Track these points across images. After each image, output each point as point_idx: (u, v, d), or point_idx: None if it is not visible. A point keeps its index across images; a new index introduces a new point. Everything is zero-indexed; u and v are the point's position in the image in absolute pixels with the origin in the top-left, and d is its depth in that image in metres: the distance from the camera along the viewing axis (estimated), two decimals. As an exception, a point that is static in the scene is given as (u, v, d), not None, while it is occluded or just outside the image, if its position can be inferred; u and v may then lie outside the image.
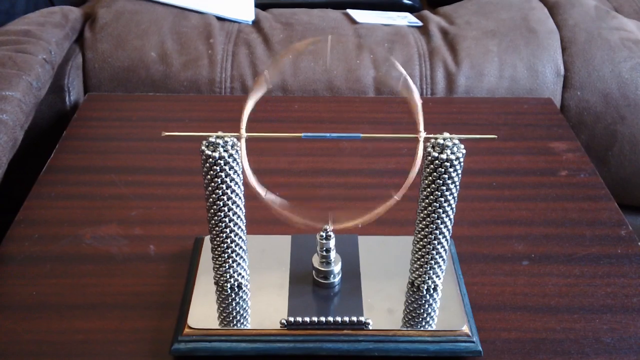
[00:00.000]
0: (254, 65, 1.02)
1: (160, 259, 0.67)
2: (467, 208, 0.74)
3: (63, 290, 0.64)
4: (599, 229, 0.72)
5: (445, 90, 1.02)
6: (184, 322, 0.57)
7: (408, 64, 1.02)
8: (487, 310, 0.62)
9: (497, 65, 1.02)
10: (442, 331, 0.57)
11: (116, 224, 0.72)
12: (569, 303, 0.63)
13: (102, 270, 0.66)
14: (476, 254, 0.69)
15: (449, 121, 0.93)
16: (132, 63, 1.02)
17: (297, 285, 0.60)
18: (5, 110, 0.79)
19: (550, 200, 0.77)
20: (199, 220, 0.71)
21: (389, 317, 0.58)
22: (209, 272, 0.61)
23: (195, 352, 0.56)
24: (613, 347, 0.58)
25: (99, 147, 0.86)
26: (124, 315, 0.61)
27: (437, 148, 0.51)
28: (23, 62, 0.87)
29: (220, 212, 0.54)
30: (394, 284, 0.61)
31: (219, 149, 0.51)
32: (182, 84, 1.01)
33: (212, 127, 0.90)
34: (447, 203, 0.53)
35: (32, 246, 0.69)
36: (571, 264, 0.68)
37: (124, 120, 0.92)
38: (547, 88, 1.02)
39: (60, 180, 0.79)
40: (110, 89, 1.02)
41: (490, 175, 0.81)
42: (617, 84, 1.01)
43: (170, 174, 0.80)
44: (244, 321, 0.58)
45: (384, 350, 0.56)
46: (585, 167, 0.83)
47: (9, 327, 0.59)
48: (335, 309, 0.58)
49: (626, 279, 0.66)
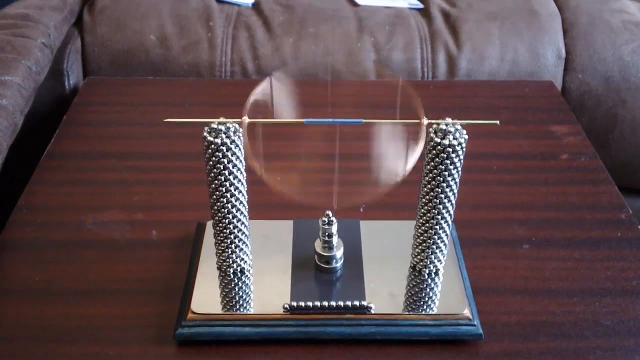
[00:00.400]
0: (254, 49, 1.01)
1: (163, 244, 0.68)
2: (468, 192, 0.74)
3: (66, 276, 0.64)
4: (599, 212, 0.73)
5: (447, 74, 1.01)
6: (187, 307, 0.58)
7: (409, 47, 1.02)
8: (487, 294, 0.62)
9: (499, 48, 1.02)
10: (443, 315, 0.57)
11: (118, 210, 0.72)
12: (569, 286, 0.63)
13: (105, 256, 0.66)
14: (477, 237, 0.69)
15: (450, 105, 0.93)
16: (132, 46, 1.01)
17: (300, 270, 0.61)
18: (5, 95, 0.79)
19: (551, 184, 0.77)
20: (200, 205, 0.72)
21: (390, 301, 0.58)
22: (212, 257, 0.62)
23: (199, 336, 0.56)
24: (612, 330, 0.59)
25: (99, 132, 0.86)
26: (128, 301, 0.61)
27: (440, 134, 0.51)
28: (22, 46, 0.87)
29: (223, 198, 0.55)
30: (395, 268, 0.61)
31: (221, 135, 0.52)
32: (182, 68, 1.01)
33: (213, 111, 0.90)
34: (449, 188, 0.54)
35: (35, 232, 0.69)
36: (571, 247, 0.68)
37: (124, 104, 0.92)
38: (548, 71, 1.02)
39: (61, 166, 0.79)
40: (109, 73, 1.02)
41: (491, 159, 0.81)
42: (618, 66, 1.00)
43: (171, 159, 0.81)
44: (247, 306, 0.58)
45: (386, 333, 0.57)
46: (586, 150, 0.83)
47: (14, 312, 0.60)
48: (338, 294, 0.59)
49: (626, 263, 0.66)
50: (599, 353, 0.57)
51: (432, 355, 0.56)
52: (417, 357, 0.56)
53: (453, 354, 0.56)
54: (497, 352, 0.57)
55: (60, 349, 0.56)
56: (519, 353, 0.57)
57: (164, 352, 0.57)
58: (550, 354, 0.56)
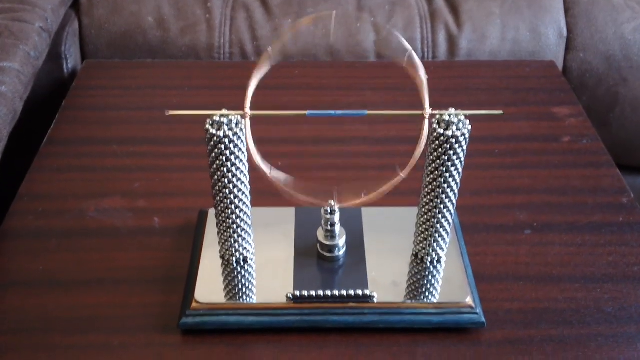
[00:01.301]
0: (252, 30, 1.00)
1: (165, 231, 0.68)
2: (470, 177, 0.74)
3: (69, 265, 0.64)
4: (601, 196, 0.73)
5: (447, 54, 1.01)
6: (191, 297, 0.58)
7: (409, 27, 1.01)
8: (489, 281, 0.63)
9: (500, 28, 1.01)
10: (445, 303, 0.57)
11: (120, 197, 0.72)
12: (570, 272, 0.64)
13: (108, 244, 0.66)
14: (478, 223, 0.69)
15: (450, 86, 0.92)
16: (129, 29, 1.00)
17: (302, 259, 0.61)
18: (4, 81, 0.78)
19: (553, 167, 0.77)
20: (202, 191, 0.71)
21: (393, 289, 0.59)
22: (214, 245, 0.62)
23: (203, 325, 0.57)
24: (614, 316, 0.59)
25: (99, 117, 0.86)
26: (131, 290, 0.61)
27: (443, 124, 0.51)
28: (19, 31, 0.86)
29: (225, 189, 0.54)
30: (398, 256, 0.61)
31: (224, 128, 0.51)
32: (180, 50, 1.00)
33: (212, 94, 0.90)
34: (452, 178, 0.53)
35: (37, 220, 0.69)
36: (573, 232, 0.68)
37: (123, 88, 0.91)
38: (549, 50, 1.01)
39: (61, 152, 0.79)
40: (107, 56, 1.01)
41: (492, 142, 0.81)
42: (620, 45, 1.00)
43: (172, 144, 0.80)
44: (250, 295, 0.58)
45: (389, 322, 0.57)
46: (588, 132, 0.82)
47: (17, 303, 0.60)
48: (341, 282, 0.59)
49: (628, 248, 0.66)
50: (600, 340, 0.57)
51: (435, 343, 0.57)
52: (419, 345, 0.56)
53: (455, 342, 0.57)
54: (499, 339, 0.57)
55: (66, 340, 0.57)
56: (520, 340, 0.57)
57: (169, 341, 0.57)
58: (552, 341, 0.57)
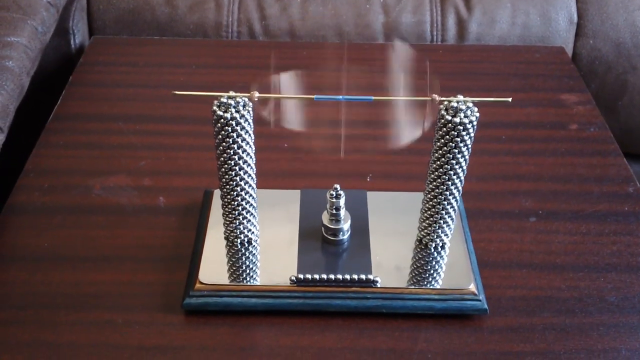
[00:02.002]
0: (261, 9, 0.99)
1: (170, 210, 0.68)
2: (476, 162, 0.74)
3: (75, 241, 0.64)
4: (606, 185, 0.73)
5: (456, 37, 1.00)
6: (195, 277, 0.58)
7: (419, 9, 1.00)
8: (493, 267, 0.63)
9: (510, 12, 1.00)
10: (449, 289, 0.58)
11: (125, 175, 0.72)
12: (574, 261, 0.64)
13: (113, 221, 0.67)
14: (484, 209, 0.69)
15: (459, 70, 0.92)
16: (137, 5, 1.00)
17: (307, 242, 0.61)
18: (11, 56, 0.78)
19: (559, 155, 0.77)
20: (207, 171, 0.72)
21: (397, 274, 0.59)
22: (219, 226, 0.62)
23: (206, 306, 0.57)
24: (617, 306, 0.59)
25: (105, 93, 0.85)
26: (136, 268, 0.62)
27: (451, 111, 0.51)
28: (27, 5, 0.85)
29: (232, 171, 0.54)
30: (402, 241, 0.61)
31: (231, 110, 0.51)
32: (188, 28, 0.99)
33: (220, 73, 0.90)
34: (459, 165, 0.53)
35: (43, 196, 0.69)
36: (578, 221, 0.68)
37: (130, 65, 0.91)
38: (559, 36, 1.00)
39: (68, 128, 0.79)
40: (115, 32, 1.01)
41: (499, 127, 0.81)
42: (630, 32, 0.99)
43: (178, 123, 0.80)
44: (254, 277, 0.59)
45: (392, 307, 0.57)
46: (596, 120, 0.82)
47: (24, 278, 0.60)
48: (344, 266, 0.59)
49: (632, 237, 0.66)
50: (602, 329, 0.57)
51: (437, 329, 0.57)
52: (422, 330, 0.57)
53: (458, 328, 0.57)
54: (501, 326, 0.57)
55: (70, 316, 0.57)
56: (523, 328, 0.57)
57: (172, 320, 0.57)
58: (554, 330, 0.57)
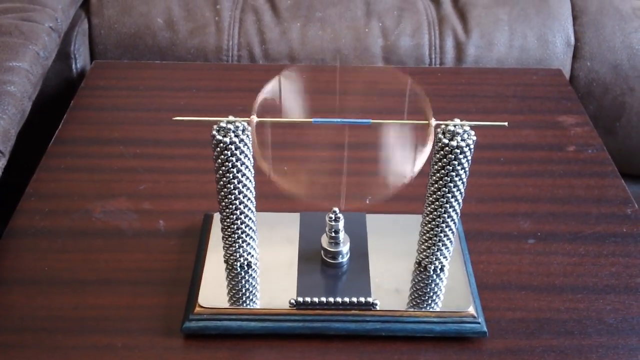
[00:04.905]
0: (261, 33, 1.01)
1: (170, 234, 0.68)
2: (475, 184, 0.74)
3: (75, 265, 0.65)
4: (605, 206, 0.73)
5: (455, 60, 1.01)
6: (194, 301, 0.58)
7: (417, 32, 1.01)
8: (492, 289, 0.63)
9: (508, 35, 1.01)
10: (448, 312, 0.58)
11: (125, 198, 0.73)
12: (573, 282, 0.64)
13: (113, 245, 0.67)
14: (483, 231, 0.69)
15: (457, 92, 0.92)
16: (139, 29, 1.01)
17: (306, 265, 0.61)
18: (13, 81, 0.79)
19: (557, 176, 0.77)
20: (207, 194, 0.72)
21: (396, 297, 0.59)
22: (219, 249, 0.62)
23: (206, 330, 0.57)
24: (616, 327, 0.59)
25: (106, 117, 0.86)
26: (136, 291, 0.62)
27: (448, 135, 0.51)
28: (29, 31, 0.87)
29: (231, 195, 0.55)
30: (401, 263, 0.62)
31: (230, 134, 0.52)
32: (189, 52, 1.00)
33: (220, 96, 0.91)
34: (457, 188, 0.54)
35: (43, 220, 0.70)
36: (576, 242, 0.68)
37: (131, 89, 0.92)
38: (557, 58, 1.01)
39: (68, 152, 0.79)
40: (116, 56, 1.02)
41: (498, 149, 0.81)
42: (627, 55, 1.00)
43: (177, 146, 0.81)
44: (253, 300, 0.59)
45: (391, 330, 0.57)
46: (593, 142, 0.83)
47: (23, 302, 0.61)
48: (344, 289, 0.59)
49: (631, 259, 0.66)
50: (601, 351, 0.57)
51: (436, 351, 0.57)
52: (421, 353, 0.57)
53: (457, 350, 0.57)
54: (500, 349, 0.57)
55: (70, 340, 0.57)
56: (522, 350, 0.57)
57: (171, 344, 0.57)
58: (554, 352, 0.57)
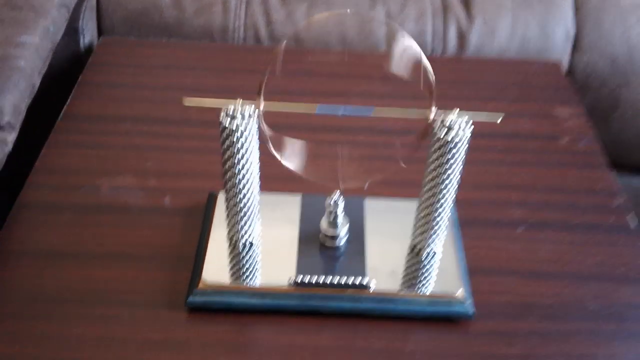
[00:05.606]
0: (267, 14, 1.02)
1: (175, 211, 0.71)
2: (471, 171, 0.76)
3: (83, 239, 0.67)
4: (594, 197, 0.76)
5: (457, 47, 1.03)
6: (198, 276, 0.61)
7: (420, 19, 1.03)
8: (482, 274, 0.66)
9: (510, 23, 1.03)
10: (438, 295, 0.61)
11: (132, 175, 0.75)
12: (559, 269, 0.67)
13: (120, 220, 0.69)
14: (476, 218, 0.72)
15: (458, 80, 0.94)
16: (146, 7, 1.02)
17: (306, 245, 0.64)
18: (23, 56, 0.81)
19: (551, 166, 0.80)
20: (212, 173, 0.74)
21: (390, 279, 0.62)
22: (222, 227, 0.65)
23: (209, 305, 0.60)
24: (596, 313, 0.63)
25: (113, 94, 0.88)
26: (142, 266, 0.65)
27: (444, 128, 0.54)
28: (39, 5, 0.88)
29: (236, 177, 0.57)
30: (397, 247, 0.65)
31: (237, 119, 0.54)
32: (195, 30, 1.02)
33: (226, 77, 0.93)
34: (451, 181, 0.56)
35: (52, 194, 0.72)
36: (565, 231, 0.71)
37: (138, 66, 0.94)
38: (556, 49, 1.03)
39: (76, 128, 0.82)
40: (123, 32, 1.03)
41: (494, 138, 0.83)
42: (625, 48, 1.02)
43: (184, 125, 0.83)
44: (255, 278, 0.62)
45: (384, 310, 0.60)
46: (587, 134, 0.85)
47: (33, 273, 0.63)
48: (341, 270, 0.62)
49: (615, 249, 0.69)
50: (582, 335, 0.60)
51: (426, 331, 0.60)
52: (411, 332, 0.60)
53: (446, 331, 0.60)
54: (486, 330, 0.60)
55: (80, 310, 0.60)
56: (507, 333, 0.60)
57: (175, 317, 0.60)
58: (537, 335, 0.60)
